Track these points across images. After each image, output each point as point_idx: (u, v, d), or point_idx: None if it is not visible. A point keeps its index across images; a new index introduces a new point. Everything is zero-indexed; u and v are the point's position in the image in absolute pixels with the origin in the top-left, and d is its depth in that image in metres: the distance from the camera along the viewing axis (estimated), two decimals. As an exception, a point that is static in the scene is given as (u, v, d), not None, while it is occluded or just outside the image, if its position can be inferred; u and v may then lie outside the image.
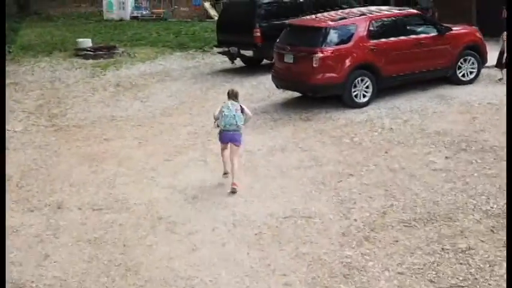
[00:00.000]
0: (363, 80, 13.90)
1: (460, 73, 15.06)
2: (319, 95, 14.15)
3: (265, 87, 16.32)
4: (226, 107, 10.19)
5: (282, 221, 8.97)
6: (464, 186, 9.72)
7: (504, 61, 14.50)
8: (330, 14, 15.15)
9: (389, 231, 8.53)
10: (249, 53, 18.15)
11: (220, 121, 10.18)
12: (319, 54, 13.54)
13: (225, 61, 19.54)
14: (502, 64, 14.69)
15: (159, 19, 31.83)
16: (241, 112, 10.23)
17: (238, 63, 19.14)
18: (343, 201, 9.52)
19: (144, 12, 33.36)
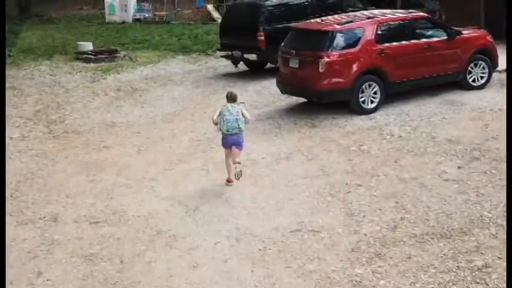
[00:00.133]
0: (370, 86, 13.47)
1: (470, 78, 14.63)
2: (326, 101, 13.73)
3: (270, 93, 15.90)
4: (227, 111, 10.00)
5: (288, 235, 8.54)
6: (479, 198, 9.28)
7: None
8: (336, 17, 14.70)
9: (401, 247, 8.10)
10: (252, 56, 17.71)
11: (222, 126, 10.00)
12: (326, 59, 13.12)
13: (228, 65, 19.13)
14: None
15: (162, 22, 31.46)
16: (242, 114, 10.14)
17: (242, 67, 18.71)
18: (352, 213, 9.09)
19: (146, 14, 32.98)
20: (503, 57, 14.73)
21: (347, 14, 15.33)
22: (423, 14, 15.21)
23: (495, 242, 7.96)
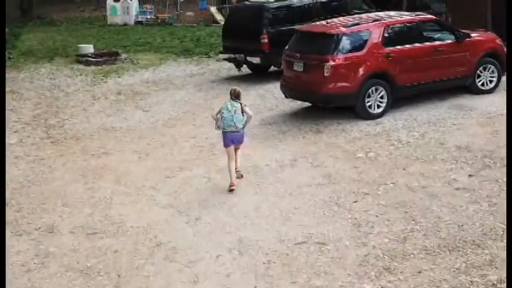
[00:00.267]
0: (377, 90, 13.10)
1: (479, 82, 14.25)
2: (331, 105, 13.37)
3: (273, 96, 15.55)
4: (226, 108, 10.03)
5: (293, 247, 8.20)
6: (491, 207, 8.93)
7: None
8: (342, 19, 14.32)
9: (411, 261, 7.75)
10: (256, 60, 17.36)
11: (220, 122, 10.04)
12: (331, 63, 12.76)
13: (231, 68, 18.77)
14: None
15: (164, 24, 31.11)
16: (242, 112, 10.02)
17: (245, 71, 18.34)
18: (360, 224, 8.73)
19: (148, 16, 32.60)
20: None
21: (353, 16, 14.92)
22: (431, 16, 14.84)
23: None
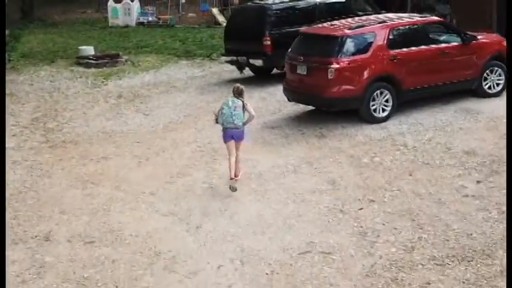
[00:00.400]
0: (382, 93, 12.83)
1: (486, 85, 13.98)
2: (335, 109, 13.10)
3: (276, 100, 15.27)
4: (226, 104, 10.03)
5: (297, 257, 7.93)
6: (501, 215, 8.68)
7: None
8: (346, 21, 14.04)
9: (419, 271, 7.50)
10: (258, 62, 17.08)
11: (219, 118, 10.07)
12: (335, 65, 12.49)
13: (233, 70, 18.49)
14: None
15: (166, 25, 30.84)
16: (243, 109, 10.00)
17: (247, 73, 18.06)
18: (366, 233, 8.47)
19: (150, 18, 32.32)
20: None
21: (357, 18, 14.63)
22: (437, 18, 14.58)
23: (521, 266, 7.33)
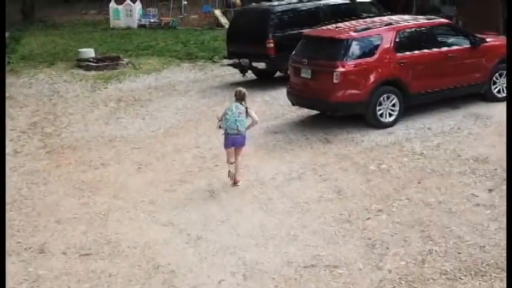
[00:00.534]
0: (388, 98, 12.48)
1: (495, 89, 13.63)
2: (340, 113, 12.76)
3: (279, 104, 14.93)
4: (230, 110, 10.02)
5: (302, 271, 7.57)
6: (514, 226, 8.29)
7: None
8: (351, 23, 13.69)
9: (430, 286, 7.15)
10: (261, 65, 16.74)
11: (223, 124, 10.06)
12: (340, 69, 12.14)
13: (235, 73, 18.16)
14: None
15: (168, 27, 30.53)
16: (247, 114, 10.02)
17: (250, 76, 17.71)
18: (374, 245, 8.10)
19: (152, 20, 32.00)
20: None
21: (363, 20, 14.27)
22: (445, 20, 14.20)
23: (538, 281, 6.97)
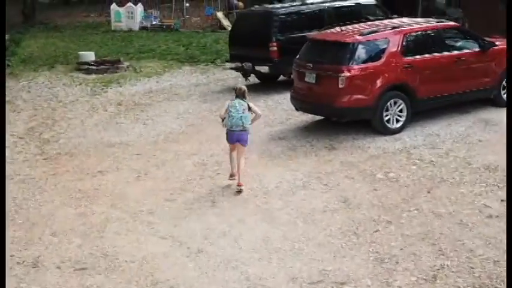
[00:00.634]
0: (396, 103, 12.11)
1: (505, 94, 13.23)
2: (346, 119, 12.39)
3: (283, 108, 14.57)
4: (234, 107, 9.93)
5: (308, 288, 7.22)
6: (530, 239, 7.92)
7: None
8: (357, 26, 13.31)
9: (443, 305, 6.78)
10: (264, 69, 16.36)
11: (227, 121, 9.99)
12: (346, 73, 11.77)
13: (238, 77, 17.79)
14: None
15: (170, 29, 30.19)
16: (249, 110, 10.01)
17: (252, 80, 17.33)
18: (383, 259, 7.74)
19: (153, 22, 31.69)
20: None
21: (369, 22, 13.89)
22: (453, 23, 13.81)
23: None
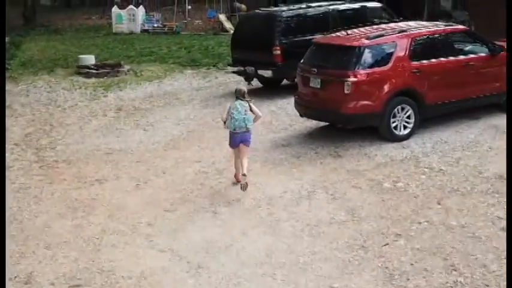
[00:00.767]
0: (403, 109, 11.73)
1: (515, 99, 12.87)
2: (352, 126, 12.03)
3: (287, 114, 14.20)
4: (235, 109, 9.91)
5: (314, 307, 6.85)
6: (546, 254, 7.54)
7: None
8: (363, 30, 12.95)
9: (457, 325, 6.41)
10: (267, 73, 16.00)
11: (229, 124, 9.96)
12: (352, 79, 11.41)
13: (240, 81, 17.38)
14: None
15: (171, 32, 29.90)
16: (250, 111, 10.01)
17: (255, 84, 16.95)
18: (392, 275, 7.38)
19: (155, 24, 31.42)
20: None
21: (375, 26, 13.51)
22: (462, 27, 13.45)
23: None
